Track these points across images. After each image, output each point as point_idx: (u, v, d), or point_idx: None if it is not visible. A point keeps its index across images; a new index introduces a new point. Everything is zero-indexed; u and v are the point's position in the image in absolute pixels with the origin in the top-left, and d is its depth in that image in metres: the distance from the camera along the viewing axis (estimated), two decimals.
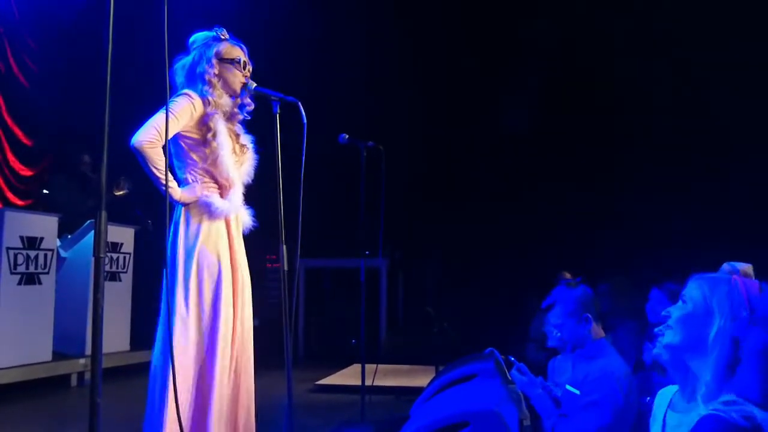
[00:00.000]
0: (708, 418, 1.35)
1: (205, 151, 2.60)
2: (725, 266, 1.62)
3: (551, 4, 7.10)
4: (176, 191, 2.55)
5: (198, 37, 2.71)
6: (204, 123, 2.58)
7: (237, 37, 2.78)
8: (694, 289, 1.61)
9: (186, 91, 2.58)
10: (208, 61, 2.64)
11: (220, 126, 2.62)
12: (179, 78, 2.69)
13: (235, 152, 2.69)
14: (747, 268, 1.61)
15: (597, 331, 2.58)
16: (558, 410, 2.57)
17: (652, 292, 3.53)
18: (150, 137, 2.41)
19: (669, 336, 1.62)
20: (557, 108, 7.18)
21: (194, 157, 2.61)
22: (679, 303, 1.63)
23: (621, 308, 3.97)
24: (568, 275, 5.20)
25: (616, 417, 2.32)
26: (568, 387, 2.52)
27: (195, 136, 2.59)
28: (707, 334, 1.53)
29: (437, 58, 7.50)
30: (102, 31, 1.66)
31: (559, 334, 2.64)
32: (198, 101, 2.57)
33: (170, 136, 2.51)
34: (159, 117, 2.43)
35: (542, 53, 7.17)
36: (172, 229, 2.58)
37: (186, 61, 2.68)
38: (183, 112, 2.51)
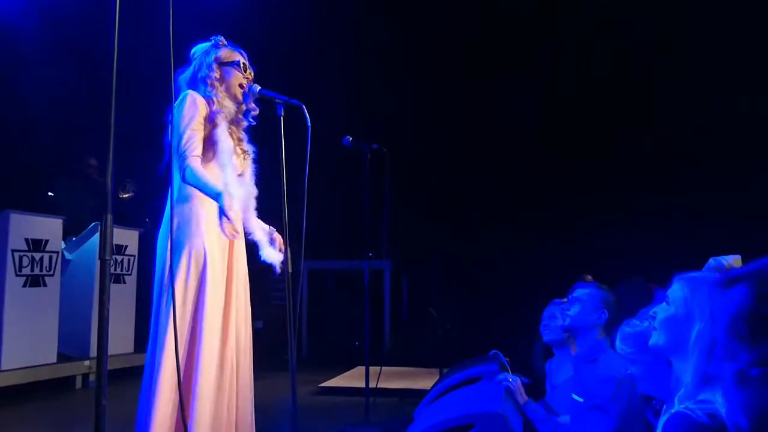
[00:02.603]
0: (674, 416, 1.34)
1: (205, 145, 2.62)
2: (711, 262, 1.61)
3: (557, 10, 7.10)
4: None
5: (198, 48, 2.76)
6: (210, 120, 2.61)
7: (240, 40, 2.83)
8: (676, 291, 1.61)
9: (188, 92, 2.61)
10: (209, 66, 2.70)
11: (222, 123, 2.63)
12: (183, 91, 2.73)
13: (236, 153, 2.70)
14: (734, 261, 1.59)
15: (601, 332, 2.58)
16: (552, 416, 2.57)
17: (657, 294, 3.51)
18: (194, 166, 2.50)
19: (654, 337, 1.63)
20: (563, 109, 7.17)
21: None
22: (663, 304, 1.63)
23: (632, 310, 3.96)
24: (589, 278, 5.18)
25: (621, 422, 2.31)
26: (573, 396, 2.52)
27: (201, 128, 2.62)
28: (688, 337, 1.53)
29: (443, 60, 7.50)
30: (108, 33, 1.67)
31: (568, 321, 2.64)
32: (200, 99, 2.61)
33: (200, 146, 2.57)
34: (183, 138, 2.52)
35: (550, 56, 7.17)
36: (166, 230, 2.57)
37: (187, 72, 2.73)
38: (198, 122, 2.57)
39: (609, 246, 6.29)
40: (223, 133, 2.64)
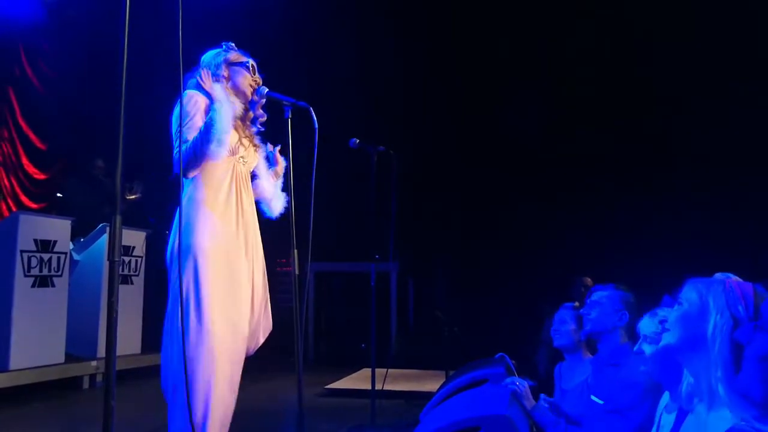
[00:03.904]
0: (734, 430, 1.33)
1: None
2: (718, 275, 1.63)
3: (558, 12, 7.10)
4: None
5: (208, 54, 2.79)
6: (208, 111, 2.61)
7: (247, 43, 2.86)
8: (689, 291, 1.62)
9: (185, 92, 2.60)
10: (217, 66, 2.72)
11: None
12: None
13: (244, 146, 2.70)
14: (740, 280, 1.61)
15: (623, 335, 2.56)
16: (561, 418, 2.55)
17: (664, 299, 3.49)
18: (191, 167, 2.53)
19: (666, 338, 1.63)
20: (568, 113, 7.16)
21: None
22: (675, 306, 1.64)
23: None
24: (588, 280, 5.17)
25: (640, 427, 2.29)
26: (593, 397, 2.50)
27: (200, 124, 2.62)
28: (705, 331, 1.54)
29: (449, 63, 7.50)
30: (117, 35, 1.68)
31: (589, 326, 2.62)
32: (198, 95, 2.61)
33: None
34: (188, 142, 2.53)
35: (555, 59, 7.17)
36: (177, 229, 2.58)
37: (195, 77, 2.73)
38: (196, 119, 2.55)
39: (612, 248, 6.28)
40: (226, 105, 2.62)
